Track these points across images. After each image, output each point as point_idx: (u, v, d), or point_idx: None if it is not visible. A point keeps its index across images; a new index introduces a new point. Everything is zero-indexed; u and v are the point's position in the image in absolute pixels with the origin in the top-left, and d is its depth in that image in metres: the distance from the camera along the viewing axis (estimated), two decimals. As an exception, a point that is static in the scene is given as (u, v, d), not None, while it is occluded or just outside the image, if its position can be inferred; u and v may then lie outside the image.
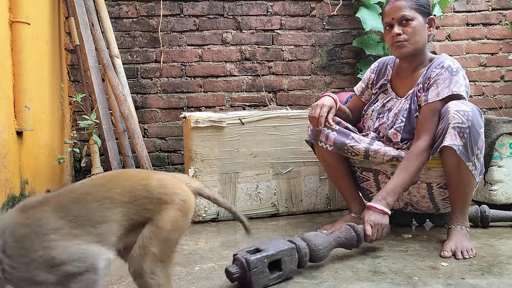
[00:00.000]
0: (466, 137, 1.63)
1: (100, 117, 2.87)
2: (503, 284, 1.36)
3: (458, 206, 1.76)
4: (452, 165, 1.69)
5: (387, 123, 1.89)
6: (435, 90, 1.76)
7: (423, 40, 1.83)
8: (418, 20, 1.81)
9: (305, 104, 3.31)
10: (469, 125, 1.63)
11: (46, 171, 2.66)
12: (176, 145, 3.27)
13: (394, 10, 1.82)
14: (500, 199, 2.35)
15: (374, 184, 1.98)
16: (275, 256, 1.40)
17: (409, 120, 1.83)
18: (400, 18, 1.81)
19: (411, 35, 1.80)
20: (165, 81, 3.25)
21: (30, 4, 2.42)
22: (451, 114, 1.65)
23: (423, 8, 1.83)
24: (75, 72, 3.16)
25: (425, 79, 1.83)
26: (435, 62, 1.84)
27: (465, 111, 1.64)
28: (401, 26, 1.81)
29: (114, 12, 3.18)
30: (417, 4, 1.81)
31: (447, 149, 1.66)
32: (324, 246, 1.53)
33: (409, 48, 1.82)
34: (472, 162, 1.67)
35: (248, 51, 3.30)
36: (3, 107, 2.16)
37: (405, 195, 1.91)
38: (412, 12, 1.80)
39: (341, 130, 1.92)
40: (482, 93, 3.49)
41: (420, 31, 1.81)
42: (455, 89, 1.73)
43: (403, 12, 1.79)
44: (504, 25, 3.48)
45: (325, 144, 1.93)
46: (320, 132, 1.93)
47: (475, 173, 1.70)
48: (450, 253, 1.64)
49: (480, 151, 1.69)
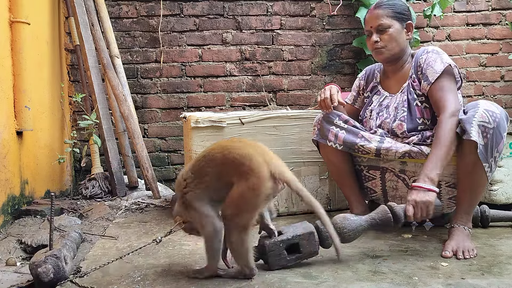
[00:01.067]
0: (488, 137, 1.65)
1: (100, 117, 2.87)
2: (503, 284, 1.36)
3: (464, 206, 1.76)
4: (468, 162, 1.70)
5: (389, 117, 1.92)
6: (432, 70, 1.84)
7: (401, 45, 1.93)
8: (395, 27, 1.91)
9: (305, 104, 3.32)
10: (494, 126, 1.65)
11: (46, 171, 2.66)
12: (176, 145, 3.27)
13: (372, 19, 1.94)
14: (500, 199, 2.35)
15: (379, 182, 1.97)
16: (291, 240, 1.50)
17: (410, 110, 1.88)
18: (378, 27, 1.92)
19: (387, 42, 1.91)
20: (165, 81, 3.25)
21: (30, 4, 2.42)
22: (480, 111, 1.67)
23: (400, 15, 1.93)
24: (75, 72, 3.16)
25: (415, 68, 1.91)
26: (418, 52, 1.94)
27: (494, 112, 1.67)
28: (379, 33, 1.92)
29: (114, 12, 3.18)
30: (394, 11, 1.92)
31: (469, 144, 1.66)
32: (350, 229, 1.56)
33: (387, 53, 1.93)
34: (489, 163, 1.68)
35: (248, 51, 3.30)
36: (3, 107, 2.16)
37: None
38: (389, 20, 1.91)
39: (350, 128, 1.93)
40: (482, 93, 3.49)
41: (396, 37, 1.91)
42: (447, 61, 1.83)
43: (380, 21, 1.91)
44: (504, 25, 3.48)
45: (334, 143, 1.94)
46: (329, 131, 1.95)
47: (489, 175, 1.71)
48: (451, 253, 1.64)
49: (499, 154, 1.70)
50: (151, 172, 2.78)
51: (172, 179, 3.26)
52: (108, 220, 2.31)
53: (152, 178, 2.76)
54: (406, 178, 1.89)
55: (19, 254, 1.85)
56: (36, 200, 2.44)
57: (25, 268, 1.63)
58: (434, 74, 1.82)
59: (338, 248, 1.45)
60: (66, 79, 3.15)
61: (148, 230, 2.09)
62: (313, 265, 1.56)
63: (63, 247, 1.55)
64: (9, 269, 1.65)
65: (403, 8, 1.95)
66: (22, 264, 1.74)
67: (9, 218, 2.14)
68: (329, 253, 1.69)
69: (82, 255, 1.74)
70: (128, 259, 1.67)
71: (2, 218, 2.07)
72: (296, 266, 1.54)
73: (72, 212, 2.42)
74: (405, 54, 1.97)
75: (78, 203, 2.61)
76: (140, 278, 1.47)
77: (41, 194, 2.57)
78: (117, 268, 1.56)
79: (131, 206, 2.58)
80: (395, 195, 1.95)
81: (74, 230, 1.86)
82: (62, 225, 2.16)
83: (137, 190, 2.89)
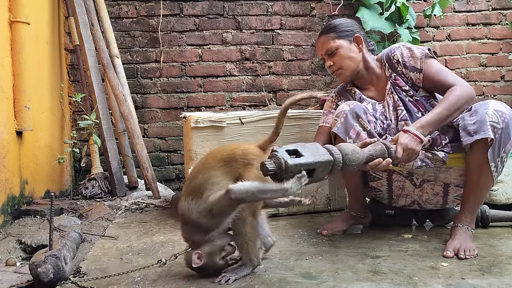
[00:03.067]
0: (497, 137, 1.65)
1: (100, 117, 2.87)
2: (503, 284, 1.36)
3: (469, 206, 1.76)
4: (477, 161, 1.70)
5: (392, 123, 1.88)
6: (416, 59, 1.85)
7: (356, 59, 1.95)
8: (343, 46, 1.93)
9: (305, 104, 3.31)
10: (503, 126, 1.65)
11: (46, 171, 2.66)
12: (176, 145, 3.27)
13: (320, 47, 1.99)
14: (500, 199, 2.35)
15: (386, 182, 1.96)
16: (311, 165, 1.42)
17: (407, 108, 1.86)
18: (326, 52, 1.96)
19: (340, 62, 1.94)
20: (165, 81, 3.25)
21: (30, 4, 2.42)
22: (490, 111, 1.66)
23: (344, 32, 1.95)
24: (75, 72, 3.16)
25: (393, 66, 1.91)
26: (384, 53, 1.95)
27: (503, 112, 1.67)
28: (330, 57, 1.96)
29: (114, 12, 3.18)
30: (336, 32, 1.94)
31: (479, 142, 1.66)
32: (356, 162, 1.54)
33: (346, 72, 1.95)
34: (495, 163, 1.68)
35: (248, 51, 3.30)
36: (3, 107, 2.15)
37: (417, 192, 1.90)
38: (334, 42, 1.93)
39: (372, 132, 1.85)
40: (482, 93, 3.49)
41: (347, 55, 1.93)
42: (422, 48, 1.86)
43: (326, 46, 1.95)
44: (504, 25, 3.47)
45: (353, 141, 1.88)
46: (352, 128, 1.83)
47: (495, 175, 1.71)
48: (452, 253, 1.63)
49: (506, 155, 1.70)
50: (151, 172, 2.78)
51: (172, 179, 3.26)
52: (108, 220, 2.31)
53: (152, 178, 2.76)
54: (414, 178, 1.88)
55: (19, 254, 1.85)
56: (36, 200, 2.44)
57: (25, 268, 1.63)
58: (419, 60, 1.84)
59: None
60: (66, 79, 3.15)
61: (148, 230, 2.09)
62: (313, 265, 1.56)
63: (63, 247, 1.55)
64: (9, 269, 1.65)
65: (346, 25, 1.96)
66: (22, 264, 1.74)
67: (9, 218, 2.14)
68: (329, 253, 1.69)
69: (82, 255, 1.74)
70: (128, 259, 1.67)
71: (2, 218, 2.07)
72: (296, 266, 1.54)
73: (72, 212, 2.42)
74: (369, 63, 1.97)
75: (78, 203, 2.61)
76: (140, 278, 1.46)
77: (41, 194, 2.57)
78: (117, 268, 1.56)
79: (131, 206, 2.58)
80: (400, 193, 1.94)
81: (74, 230, 1.86)
82: (62, 225, 2.15)
83: (137, 190, 2.89)
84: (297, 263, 1.58)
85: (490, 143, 1.65)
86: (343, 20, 2.01)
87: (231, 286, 1.38)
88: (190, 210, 1.41)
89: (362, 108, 1.85)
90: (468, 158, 1.74)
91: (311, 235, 1.94)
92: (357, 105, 1.86)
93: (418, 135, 1.65)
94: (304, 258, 1.63)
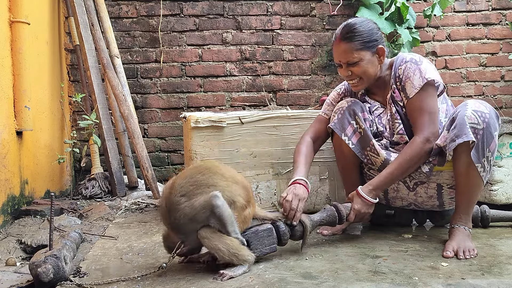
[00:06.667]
0: (479, 138, 1.64)
1: (100, 117, 2.87)
2: (503, 284, 1.36)
3: (463, 206, 1.76)
4: (462, 164, 1.70)
5: (386, 131, 1.90)
6: (411, 84, 1.80)
7: (375, 71, 1.86)
8: (365, 58, 1.82)
9: (305, 104, 3.31)
10: (484, 126, 1.64)
11: (46, 171, 2.66)
12: (176, 145, 3.27)
13: (339, 54, 1.84)
14: (500, 199, 2.35)
15: None
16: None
17: (403, 121, 1.86)
18: (347, 62, 1.82)
19: (361, 74, 1.83)
20: (165, 81, 3.25)
21: (30, 4, 2.42)
22: (469, 112, 1.66)
23: (368, 43, 1.81)
24: (75, 72, 3.16)
25: (395, 79, 1.87)
26: (396, 62, 1.88)
27: (483, 112, 1.66)
28: (349, 67, 1.83)
29: (114, 12, 3.18)
30: (362, 42, 1.80)
31: (462, 145, 1.66)
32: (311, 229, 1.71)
33: (363, 84, 1.87)
34: (481, 163, 1.67)
35: (248, 51, 3.30)
36: (3, 107, 2.16)
37: (411, 196, 1.90)
38: (357, 53, 1.80)
39: (366, 132, 1.87)
40: (482, 93, 3.49)
41: (369, 66, 1.83)
42: (427, 76, 1.77)
43: (347, 58, 1.81)
44: (504, 25, 3.47)
45: (348, 139, 1.89)
46: (349, 125, 1.88)
47: (483, 175, 1.70)
48: (452, 253, 1.63)
49: (492, 154, 1.69)
50: (151, 172, 2.78)
51: (172, 179, 3.26)
52: (108, 220, 2.31)
53: (152, 178, 2.76)
54: (407, 180, 1.88)
55: (19, 254, 1.85)
56: (36, 200, 2.44)
57: (25, 268, 1.63)
58: (413, 89, 1.78)
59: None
60: (66, 79, 3.15)
61: (148, 230, 2.09)
62: (313, 265, 1.56)
63: (63, 247, 1.55)
64: (9, 269, 1.65)
65: (371, 33, 1.83)
66: (22, 264, 1.74)
67: (9, 218, 2.14)
68: (329, 253, 1.69)
69: (82, 255, 1.74)
70: (128, 259, 1.67)
71: (2, 218, 2.07)
72: (296, 266, 1.54)
73: (72, 212, 2.42)
74: (382, 72, 1.90)
75: (78, 203, 2.61)
76: (140, 278, 1.46)
77: (41, 194, 2.57)
78: (117, 268, 1.56)
79: (131, 206, 2.58)
80: (396, 196, 1.94)
81: (74, 230, 1.86)
82: (62, 225, 2.15)
83: (137, 190, 2.89)
84: (297, 263, 1.58)
85: (472, 145, 1.64)
86: (366, 24, 1.84)
87: (231, 286, 1.38)
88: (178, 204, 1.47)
89: (360, 105, 1.89)
90: (454, 162, 1.74)
91: (311, 235, 1.94)
92: (355, 102, 1.90)
93: (369, 200, 1.77)
94: (304, 258, 1.63)
